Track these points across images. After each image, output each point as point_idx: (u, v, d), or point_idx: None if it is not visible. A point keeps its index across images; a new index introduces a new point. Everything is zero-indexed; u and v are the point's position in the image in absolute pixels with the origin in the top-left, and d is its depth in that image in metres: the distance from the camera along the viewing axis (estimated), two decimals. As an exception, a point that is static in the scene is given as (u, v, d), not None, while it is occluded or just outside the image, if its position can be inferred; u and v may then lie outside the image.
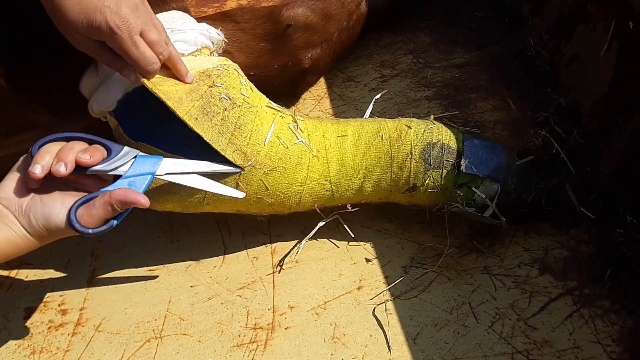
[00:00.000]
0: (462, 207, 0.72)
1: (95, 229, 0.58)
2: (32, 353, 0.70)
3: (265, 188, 0.69)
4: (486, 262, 0.73)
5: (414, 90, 0.96)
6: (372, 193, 0.73)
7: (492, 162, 0.71)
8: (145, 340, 0.70)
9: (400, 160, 0.71)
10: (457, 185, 0.71)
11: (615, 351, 0.63)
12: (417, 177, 0.71)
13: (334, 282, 0.73)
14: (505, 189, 0.71)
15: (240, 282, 0.75)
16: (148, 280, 0.76)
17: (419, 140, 0.72)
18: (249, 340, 0.68)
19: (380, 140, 0.72)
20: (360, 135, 0.73)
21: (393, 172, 0.71)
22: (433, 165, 0.71)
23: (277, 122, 0.70)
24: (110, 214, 0.58)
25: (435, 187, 0.72)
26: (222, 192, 0.66)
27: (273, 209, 0.73)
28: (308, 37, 0.87)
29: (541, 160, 0.77)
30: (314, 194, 0.72)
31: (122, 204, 0.58)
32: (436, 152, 0.71)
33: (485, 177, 0.71)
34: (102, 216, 0.58)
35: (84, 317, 0.73)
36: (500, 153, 0.72)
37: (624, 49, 0.72)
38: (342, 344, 0.67)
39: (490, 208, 0.71)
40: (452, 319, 0.68)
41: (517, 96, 0.91)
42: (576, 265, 0.71)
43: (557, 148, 0.79)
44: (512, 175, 0.72)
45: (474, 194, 0.71)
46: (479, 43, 1.03)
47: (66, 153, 0.58)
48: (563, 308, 0.67)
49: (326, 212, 0.78)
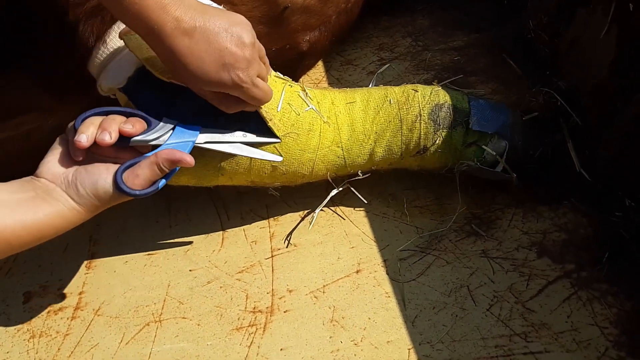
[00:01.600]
0: (474, 163, 0.73)
1: (142, 191, 0.59)
2: (31, 337, 0.71)
3: (279, 155, 0.70)
4: (484, 245, 0.73)
5: (412, 73, 0.96)
6: (384, 158, 0.74)
7: (499, 120, 0.73)
8: (144, 324, 0.70)
9: (409, 123, 0.72)
10: (466, 144, 0.73)
11: (612, 333, 0.63)
12: (428, 138, 0.72)
13: (332, 265, 0.73)
14: (512, 145, 0.73)
15: (239, 266, 0.75)
16: (147, 264, 0.76)
17: (427, 102, 0.73)
18: (248, 324, 0.69)
19: (389, 104, 0.73)
20: (368, 101, 0.73)
21: (403, 134, 0.72)
22: (442, 125, 0.72)
23: (286, 90, 0.71)
24: (157, 175, 0.59)
25: (445, 148, 0.73)
26: (262, 158, 0.68)
27: (287, 178, 0.73)
28: (306, 19, 0.86)
29: (544, 117, 0.79)
30: (326, 160, 0.72)
31: (169, 163, 0.59)
32: (444, 112, 0.72)
33: (494, 134, 0.73)
34: (149, 177, 0.59)
35: (83, 301, 0.73)
36: (505, 111, 0.74)
37: (624, 32, 0.71)
38: (341, 327, 0.67)
39: (501, 164, 0.73)
40: (450, 302, 0.68)
41: (516, 80, 0.91)
42: (574, 248, 0.71)
43: (560, 102, 0.80)
44: (518, 132, 0.74)
45: (483, 152, 0.73)
46: (478, 26, 1.02)
47: (109, 123, 0.59)
48: (561, 291, 0.67)
49: (337, 182, 0.79)
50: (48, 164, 0.59)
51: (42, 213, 0.55)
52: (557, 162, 0.76)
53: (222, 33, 0.58)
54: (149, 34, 0.57)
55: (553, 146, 0.76)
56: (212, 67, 0.58)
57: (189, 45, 0.57)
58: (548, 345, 0.63)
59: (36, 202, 0.56)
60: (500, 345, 0.63)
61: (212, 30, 0.58)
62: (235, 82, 0.60)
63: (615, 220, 0.72)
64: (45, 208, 0.56)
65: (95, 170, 0.58)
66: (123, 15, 0.56)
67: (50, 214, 0.56)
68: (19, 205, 0.54)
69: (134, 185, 0.58)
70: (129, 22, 0.58)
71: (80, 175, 0.58)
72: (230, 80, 0.59)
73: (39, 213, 0.55)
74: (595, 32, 0.76)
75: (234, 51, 0.59)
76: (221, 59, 0.58)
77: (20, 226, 0.54)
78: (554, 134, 0.76)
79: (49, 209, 0.56)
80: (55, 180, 0.58)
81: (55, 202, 0.57)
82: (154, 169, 0.59)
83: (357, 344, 0.65)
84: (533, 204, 0.76)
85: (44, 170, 0.59)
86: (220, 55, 0.58)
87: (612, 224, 0.72)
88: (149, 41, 0.59)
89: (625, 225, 0.71)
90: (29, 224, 0.54)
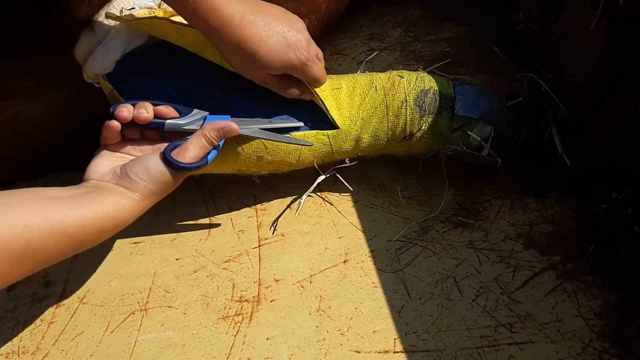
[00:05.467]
0: (460, 148, 0.73)
1: (194, 163, 0.60)
2: (15, 325, 0.70)
3: (264, 146, 0.70)
4: (471, 236, 0.73)
5: (402, 64, 0.95)
6: (370, 144, 0.74)
7: (484, 105, 0.73)
8: (130, 313, 0.70)
9: (395, 109, 0.72)
10: (451, 130, 0.73)
11: (597, 325, 0.63)
12: (414, 123, 0.73)
13: (319, 255, 0.73)
14: (497, 130, 0.74)
15: (226, 255, 0.74)
16: (133, 252, 0.76)
17: (412, 88, 0.73)
18: (235, 313, 0.69)
19: (375, 90, 0.72)
20: (354, 87, 0.73)
21: (389, 120, 0.72)
22: (428, 111, 0.73)
23: None
24: (205, 147, 0.62)
25: (431, 133, 0.73)
26: (295, 143, 0.70)
27: (273, 166, 0.73)
28: (295, 7, 0.86)
29: (529, 102, 0.79)
30: (312, 149, 0.72)
31: (215, 132, 0.62)
32: (430, 98, 0.73)
33: (479, 120, 0.73)
34: (198, 150, 0.61)
35: (68, 289, 0.73)
36: (490, 97, 0.75)
37: (613, 25, 0.72)
38: (327, 317, 0.67)
39: (486, 149, 0.73)
40: (436, 292, 0.68)
41: (505, 71, 0.91)
42: (560, 240, 0.71)
43: (545, 88, 0.81)
44: (503, 117, 0.74)
45: (469, 137, 0.73)
46: (469, 17, 1.02)
47: (144, 104, 0.63)
48: (546, 282, 0.68)
49: (324, 169, 0.79)
50: (94, 166, 0.60)
51: (100, 205, 0.55)
52: (541, 148, 0.77)
53: (280, 18, 0.65)
54: (217, 29, 0.62)
55: (537, 132, 0.76)
56: (279, 48, 0.64)
57: (257, 32, 0.63)
58: (533, 336, 0.63)
59: (91, 196, 0.55)
60: (485, 335, 0.64)
61: (273, 17, 0.64)
62: (302, 60, 0.65)
63: (601, 213, 0.73)
64: (102, 200, 0.55)
65: (143, 157, 0.60)
66: (191, 15, 0.62)
67: (107, 205, 0.55)
68: (76, 199, 0.54)
69: (184, 159, 0.59)
70: (197, 21, 0.62)
71: (129, 165, 0.59)
72: (297, 59, 0.65)
73: (96, 205, 0.54)
74: (584, 25, 0.76)
75: (295, 33, 0.65)
76: (285, 40, 0.64)
77: (84, 219, 0.53)
78: (538, 120, 0.77)
79: (105, 200, 0.55)
80: (104, 178, 0.59)
81: (114, 198, 0.56)
82: (202, 141, 0.61)
83: (343, 333, 0.65)
84: (520, 195, 0.77)
85: (90, 172, 0.60)
86: (284, 37, 0.64)
87: (598, 216, 0.72)
88: (215, 37, 0.63)
89: (611, 217, 0.72)
90: (88, 215, 0.53)
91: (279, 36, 0.64)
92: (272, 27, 0.64)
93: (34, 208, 0.50)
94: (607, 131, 0.73)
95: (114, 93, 0.69)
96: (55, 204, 0.52)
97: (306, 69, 0.66)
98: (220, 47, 0.65)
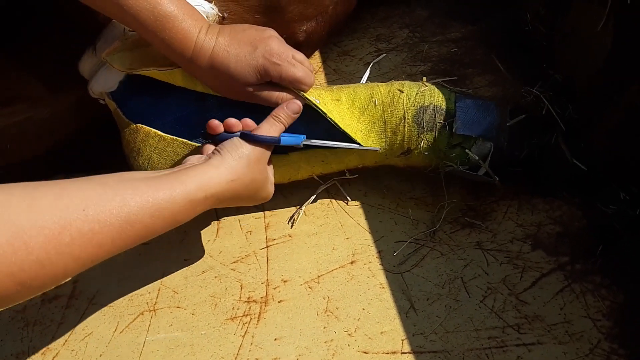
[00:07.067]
0: (456, 167, 0.73)
1: (266, 136, 0.65)
2: (25, 325, 0.71)
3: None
4: (479, 237, 0.73)
5: (409, 65, 0.95)
6: (368, 157, 0.74)
7: (485, 121, 0.72)
8: (139, 313, 0.70)
9: (393, 125, 0.72)
10: (450, 146, 0.72)
11: (605, 326, 0.63)
12: (411, 140, 0.72)
13: (327, 256, 0.74)
14: (498, 147, 0.72)
15: (234, 256, 0.75)
16: (141, 253, 0.76)
17: (412, 104, 0.72)
18: (243, 313, 0.69)
19: (374, 105, 0.72)
20: (353, 100, 0.73)
21: (387, 136, 0.72)
22: (426, 128, 0.72)
23: None
24: (274, 125, 0.66)
25: (429, 150, 0.72)
26: (362, 148, 0.72)
27: None
28: (303, 9, 0.86)
29: (533, 117, 0.77)
30: (312, 160, 0.72)
31: (282, 110, 0.66)
32: (429, 115, 0.71)
33: (478, 137, 0.71)
34: (269, 129, 0.65)
35: (77, 290, 0.73)
36: (492, 111, 0.73)
37: (621, 24, 0.71)
38: (335, 317, 0.67)
39: (483, 168, 0.72)
40: (444, 293, 0.68)
41: (513, 71, 0.90)
42: (568, 241, 0.71)
43: (547, 106, 0.79)
44: (505, 133, 0.73)
45: (467, 154, 0.72)
46: (476, 17, 1.01)
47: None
48: (554, 283, 0.68)
49: (324, 179, 0.80)
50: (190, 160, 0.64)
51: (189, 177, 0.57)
52: (543, 164, 0.75)
53: (247, 30, 0.67)
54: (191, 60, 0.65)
55: (540, 148, 0.75)
56: (247, 56, 0.65)
57: (225, 49, 0.65)
58: (541, 337, 0.63)
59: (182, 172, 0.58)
60: (493, 336, 0.64)
61: (239, 31, 0.67)
62: (272, 60, 0.65)
63: (609, 213, 0.72)
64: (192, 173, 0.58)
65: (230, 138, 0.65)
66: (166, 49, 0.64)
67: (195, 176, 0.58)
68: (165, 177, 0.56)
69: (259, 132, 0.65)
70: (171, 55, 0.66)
71: (220, 145, 0.64)
72: (267, 60, 0.65)
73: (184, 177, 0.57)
74: (592, 24, 0.76)
75: (263, 38, 0.66)
76: (252, 47, 0.65)
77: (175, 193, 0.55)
78: (541, 135, 0.75)
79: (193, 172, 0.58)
80: (193, 160, 0.64)
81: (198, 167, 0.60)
82: (271, 120, 0.66)
83: (350, 334, 0.66)
84: (528, 196, 0.76)
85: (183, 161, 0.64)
86: (252, 45, 0.65)
87: (606, 217, 0.72)
88: (191, 68, 0.66)
89: (619, 218, 0.71)
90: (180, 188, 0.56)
91: (246, 46, 0.65)
92: (239, 40, 0.66)
93: (128, 186, 0.52)
94: (614, 129, 0.72)
95: (118, 112, 0.70)
96: (146, 181, 0.54)
97: (279, 69, 0.66)
98: (198, 76, 0.68)
